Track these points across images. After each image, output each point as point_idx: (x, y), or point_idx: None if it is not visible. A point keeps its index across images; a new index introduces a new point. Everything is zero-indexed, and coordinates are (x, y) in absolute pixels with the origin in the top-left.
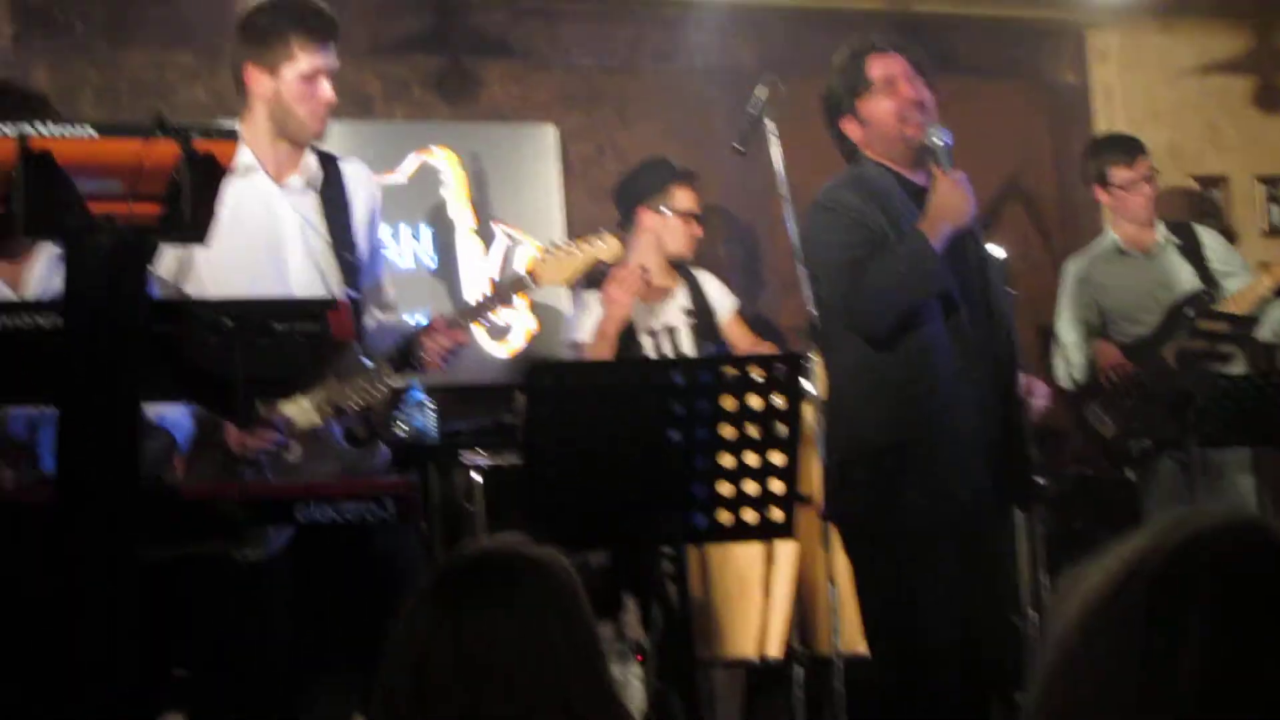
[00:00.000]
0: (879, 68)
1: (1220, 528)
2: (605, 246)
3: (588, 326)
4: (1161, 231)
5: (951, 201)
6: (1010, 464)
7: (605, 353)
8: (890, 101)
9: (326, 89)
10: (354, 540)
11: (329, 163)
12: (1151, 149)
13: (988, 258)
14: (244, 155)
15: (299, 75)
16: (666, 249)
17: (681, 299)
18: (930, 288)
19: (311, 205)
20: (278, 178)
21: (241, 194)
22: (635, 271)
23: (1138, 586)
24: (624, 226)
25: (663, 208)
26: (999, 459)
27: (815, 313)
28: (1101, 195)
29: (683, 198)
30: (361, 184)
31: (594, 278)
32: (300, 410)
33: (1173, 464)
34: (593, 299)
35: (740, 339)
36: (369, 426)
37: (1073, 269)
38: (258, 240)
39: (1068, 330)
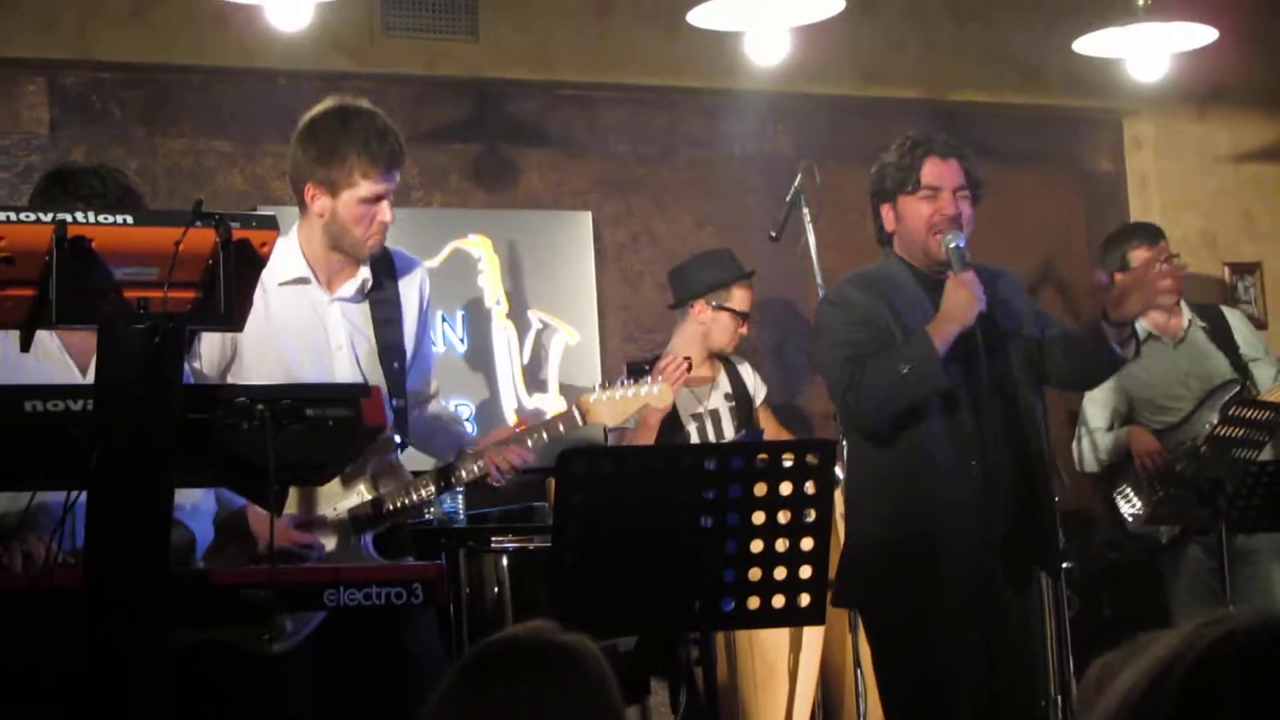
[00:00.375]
0: (931, 172)
1: (1252, 628)
2: (657, 393)
3: None
4: (1188, 315)
5: (957, 301)
6: (1028, 541)
7: (648, 441)
8: (927, 208)
9: (385, 211)
10: (378, 628)
11: (383, 267)
12: (1186, 236)
13: (1011, 345)
14: (297, 265)
15: (358, 199)
16: (711, 343)
17: (724, 385)
18: (930, 388)
19: (361, 313)
20: (329, 286)
21: (293, 303)
22: (680, 364)
23: (1169, 686)
24: (674, 307)
25: (717, 304)
26: (1012, 545)
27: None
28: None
29: (740, 298)
30: (413, 286)
31: (634, 369)
32: (334, 511)
33: (1200, 550)
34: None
35: (767, 426)
36: (396, 532)
37: None
38: (306, 349)
39: (1094, 414)
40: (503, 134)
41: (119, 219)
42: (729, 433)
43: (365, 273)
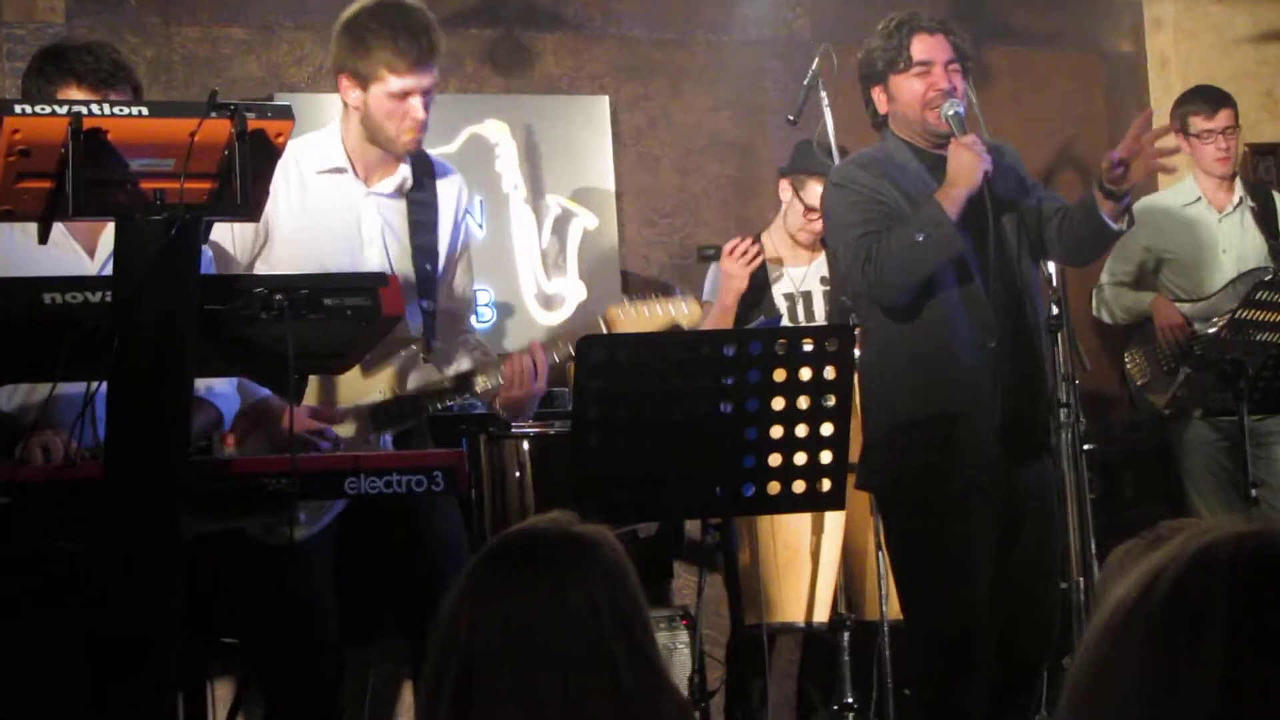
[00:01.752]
0: (920, 48)
1: (1234, 539)
2: (686, 312)
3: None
4: (1239, 192)
5: (962, 165)
6: (1035, 423)
7: (726, 323)
8: (920, 84)
9: (417, 107)
10: (399, 514)
11: (423, 169)
12: None
13: (1019, 217)
14: (336, 155)
15: (387, 93)
16: (787, 224)
17: (821, 267)
18: (947, 251)
19: (397, 211)
20: (366, 180)
21: (328, 192)
22: (750, 245)
23: (1154, 599)
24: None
25: (794, 189)
26: (1024, 424)
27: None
28: (1183, 144)
29: (814, 193)
30: (451, 192)
31: (704, 252)
32: (356, 403)
33: (1208, 429)
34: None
35: None
36: (414, 430)
37: (1142, 205)
38: (337, 240)
39: (1119, 264)
40: (518, 18)
41: (134, 110)
42: (820, 316)
43: (405, 171)
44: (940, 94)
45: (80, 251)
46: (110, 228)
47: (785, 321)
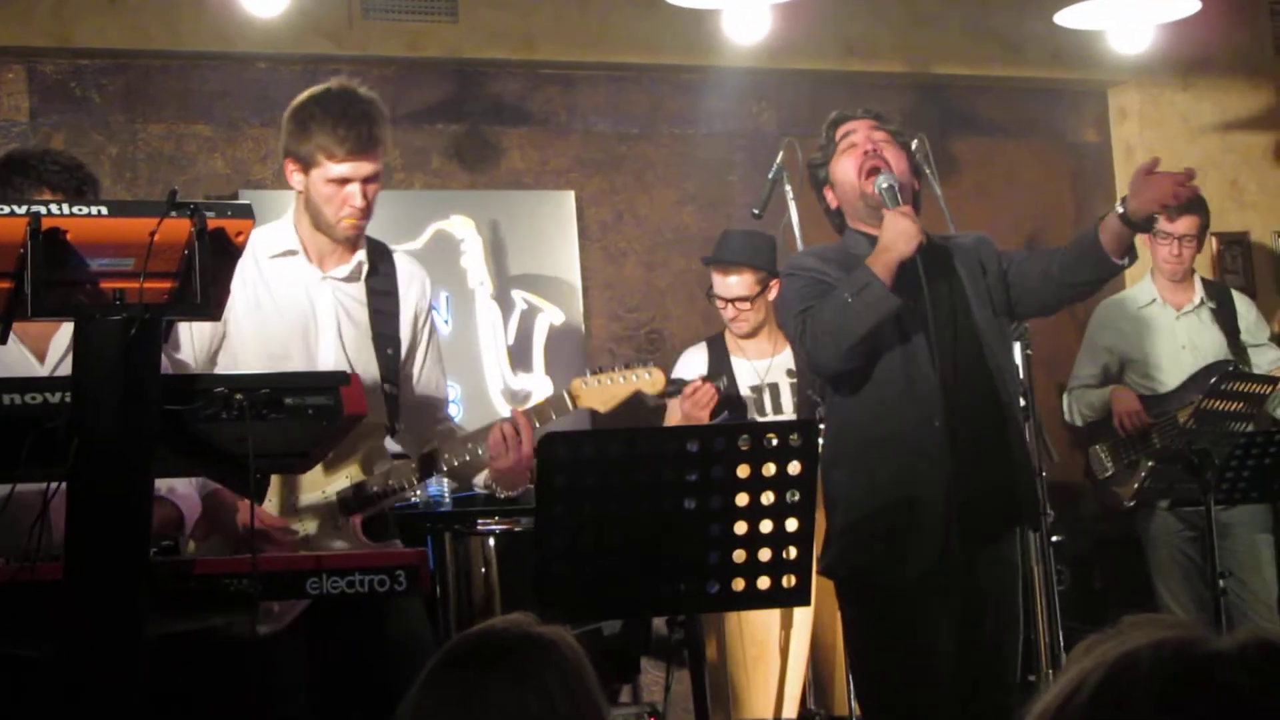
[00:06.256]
0: (844, 130)
1: (1153, 645)
2: (649, 380)
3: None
4: (1200, 293)
5: (893, 231)
6: (1002, 498)
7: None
8: (849, 158)
9: (355, 195)
10: (366, 613)
11: (381, 255)
12: None
13: (972, 296)
14: (288, 239)
15: (325, 179)
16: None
17: (787, 360)
18: (877, 310)
19: (355, 297)
20: (320, 265)
21: (280, 277)
22: (708, 390)
23: (1073, 709)
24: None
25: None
26: (984, 505)
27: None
28: (1147, 241)
29: (718, 283)
30: (414, 281)
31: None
32: (322, 494)
33: (1174, 520)
34: (696, 354)
35: None
36: (381, 516)
37: (1102, 308)
38: (293, 325)
39: (1084, 367)
40: (484, 114)
41: (94, 210)
42: (788, 408)
43: (360, 256)
44: (868, 156)
45: (30, 357)
46: (61, 331)
47: (753, 414)
